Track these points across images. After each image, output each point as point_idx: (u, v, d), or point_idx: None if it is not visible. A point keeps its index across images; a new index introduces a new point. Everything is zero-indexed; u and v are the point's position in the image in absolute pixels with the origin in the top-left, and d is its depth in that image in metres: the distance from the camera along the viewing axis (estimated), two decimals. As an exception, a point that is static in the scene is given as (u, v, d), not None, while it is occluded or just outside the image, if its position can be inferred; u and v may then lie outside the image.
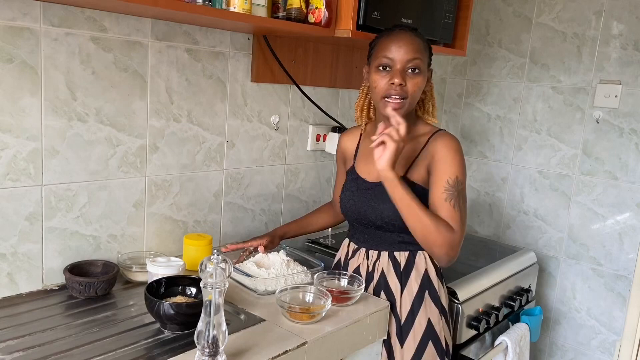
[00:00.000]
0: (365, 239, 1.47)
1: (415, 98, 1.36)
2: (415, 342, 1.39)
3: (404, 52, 1.32)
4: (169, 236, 1.60)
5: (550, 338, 2.41)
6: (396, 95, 1.33)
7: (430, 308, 1.40)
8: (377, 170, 1.39)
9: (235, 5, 1.33)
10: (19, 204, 1.27)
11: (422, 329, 1.39)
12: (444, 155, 1.35)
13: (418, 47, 1.34)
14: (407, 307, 1.40)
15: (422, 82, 1.35)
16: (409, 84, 1.33)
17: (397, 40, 1.34)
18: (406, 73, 1.33)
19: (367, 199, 1.42)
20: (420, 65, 1.33)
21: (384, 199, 1.36)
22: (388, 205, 1.36)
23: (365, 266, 1.46)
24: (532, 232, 2.41)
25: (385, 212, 1.37)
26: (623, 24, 2.12)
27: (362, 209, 1.43)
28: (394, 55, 1.33)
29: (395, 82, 1.32)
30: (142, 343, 1.11)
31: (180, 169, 1.59)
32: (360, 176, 1.47)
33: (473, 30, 2.48)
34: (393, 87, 1.32)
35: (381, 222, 1.40)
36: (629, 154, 2.14)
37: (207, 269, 0.97)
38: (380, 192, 1.38)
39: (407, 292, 1.40)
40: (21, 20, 1.21)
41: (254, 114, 1.77)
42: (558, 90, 2.30)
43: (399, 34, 1.35)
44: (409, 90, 1.33)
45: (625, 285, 2.19)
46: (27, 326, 1.14)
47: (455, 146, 1.37)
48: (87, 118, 1.36)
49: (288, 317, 1.24)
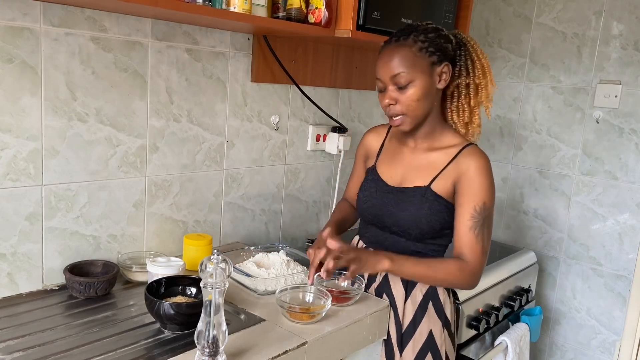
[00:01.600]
0: (376, 240, 1.44)
1: (415, 110, 1.30)
2: (415, 351, 1.37)
3: (387, 71, 1.28)
4: (169, 236, 1.60)
5: (550, 338, 2.41)
6: (392, 115, 1.32)
7: (433, 319, 1.38)
8: (401, 175, 1.40)
9: (235, 5, 1.33)
10: (19, 204, 1.27)
11: (422, 339, 1.37)
12: (473, 178, 1.30)
13: (401, 59, 1.27)
14: (410, 316, 1.38)
15: (417, 93, 1.28)
16: (400, 100, 1.29)
17: (382, 58, 1.31)
18: (396, 90, 1.29)
19: (386, 203, 1.39)
20: (407, 79, 1.26)
21: (404, 207, 1.35)
22: (406, 214, 1.35)
23: None
24: (532, 232, 2.41)
25: (403, 220, 1.36)
26: (623, 24, 2.12)
27: (380, 212, 1.40)
28: (381, 75, 1.30)
29: (385, 104, 1.32)
30: (142, 343, 1.11)
31: (180, 169, 1.59)
32: (381, 178, 1.43)
33: (473, 30, 2.47)
34: (387, 107, 1.32)
35: (397, 229, 1.38)
36: (629, 154, 2.14)
37: (207, 269, 0.97)
38: (400, 198, 1.37)
39: (411, 301, 1.39)
40: (21, 20, 1.21)
41: (254, 114, 1.77)
42: (558, 90, 2.30)
43: (384, 50, 1.31)
44: (403, 107, 1.29)
45: (625, 285, 2.19)
46: (27, 326, 1.14)
47: (485, 167, 1.31)
48: (87, 118, 1.36)
49: (288, 317, 1.23)
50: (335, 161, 2.09)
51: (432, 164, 1.36)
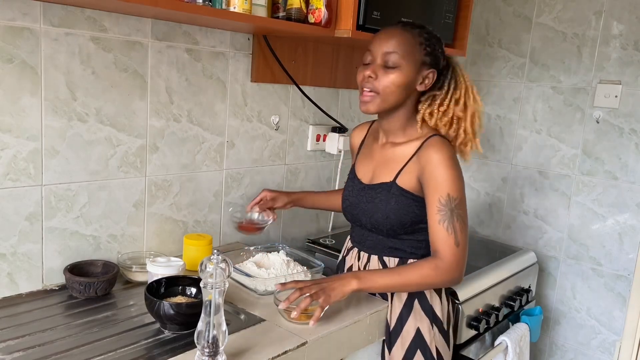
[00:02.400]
0: (359, 239, 1.46)
1: (390, 95, 1.28)
2: (403, 349, 1.36)
3: (381, 44, 1.27)
4: (169, 236, 1.60)
5: (550, 338, 2.41)
6: (366, 88, 1.29)
7: (420, 317, 1.36)
8: (372, 172, 1.40)
9: (235, 5, 1.33)
10: (19, 204, 1.27)
11: (409, 337, 1.36)
12: (433, 170, 1.27)
13: (400, 41, 1.26)
14: (396, 314, 1.38)
15: (400, 78, 1.26)
16: (381, 79, 1.27)
17: (382, 33, 1.30)
18: (382, 67, 1.27)
19: (360, 200, 1.40)
20: (397, 61, 1.26)
21: (376, 203, 1.35)
22: (376, 210, 1.35)
23: (356, 267, 1.45)
24: (532, 232, 2.41)
25: (376, 215, 1.35)
26: (623, 24, 2.12)
27: (356, 210, 1.42)
28: (374, 48, 1.29)
29: (365, 74, 1.28)
30: (142, 343, 1.11)
31: (180, 169, 1.59)
32: (357, 176, 1.45)
33: (473, 30, 2.48)
34: (365, 79, 1.29)
35: (371, 226, 1.38)
36: (629, 154, 2.14)
37: (207, 269, 0.97)
38: (370, 195, 1.37)
39: (397, 299, 1.38)
40: (21, 20, 1.21)
41: (254, 114, 1.77)
42: (558, 90, 2.30)
43: (388, 28, 1.31)
44: (380, 85, 1.27)
45: (625, 285, 2.19)
46: (27, 326, 1.14)
47: (446, 158, 1.27)
48: (87, 118, 1.36)
49: (286, 317, 1.23)
50: (335, 161, 2.09)
51: (397, 158, 1.35)
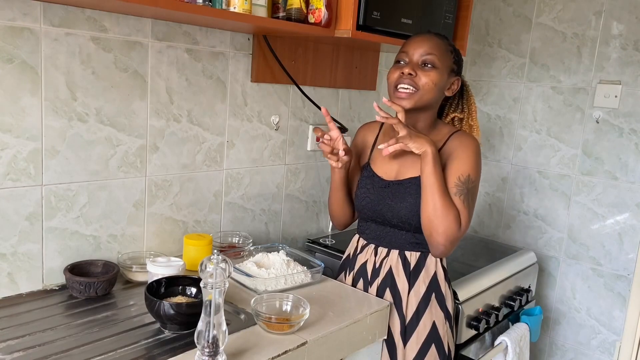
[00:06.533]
0: (377, 235, 1.46)
1: (427, 92, 1.35)
2: (419, 343, 1.39)
3: (418, 46, 1.36)
4: (169, 236, 1.60)
5: (550, 338, 2.41)
6: (405, 85, 1.34)
7: (436, 311, 1.40)
8: (396, 169, 1.42)
9: (235, 5, 1.33)
10: (19, 204, 1.27)
11: (426, 331, 1.39)
12: (460, 153, 1.36)
13: (436, 45, 1.36)
14: (413, 308, 1.40)
15: (437, 78, 1.34)
16: (420, 76, 1.34)
17: (417, 37, 1.39)
18: (420, 67, 1.35)
19: (384, 197, 1.42)
20: (435, 62, 1.34)
21: (402, 198, 1.38)
22: (405, 204, 1.37)
23: (372, 262, 1.46)
24: (532, 232, 2.41)
25: (403, 210, 1.38)
26: (623, 24, 2.12)
27: (378, 207, 1.42)
28: (410, 49, 1.36)
29: (405, 72, 1.34)
30: (142, 343, 1.11)
31: (180, 169, 1.59)
32: (377, 174, 1.46)
33: (473, 30, 2.48)
34: (403, 76, 1.34)
35: (397, 221, 1.40)
36: (629, 154, 2.14)
37: (207, 269, 0.97)
38: (397, 190, 1.39)
39: (414, 293, 1.40)
40: (21, 20, 1.21)
41: (254, 114, 1.77)
42: (558, 90, 2.30)
43: (423, 33, 1.40)
44: (420, 82, 1.34)
45: (625, 285, 2.19)
46: (27, 326, 1.14)
47: (473, 146, 1.38)
48: (87, 118, 1.36)
49: (265, 328, 1.16)
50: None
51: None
